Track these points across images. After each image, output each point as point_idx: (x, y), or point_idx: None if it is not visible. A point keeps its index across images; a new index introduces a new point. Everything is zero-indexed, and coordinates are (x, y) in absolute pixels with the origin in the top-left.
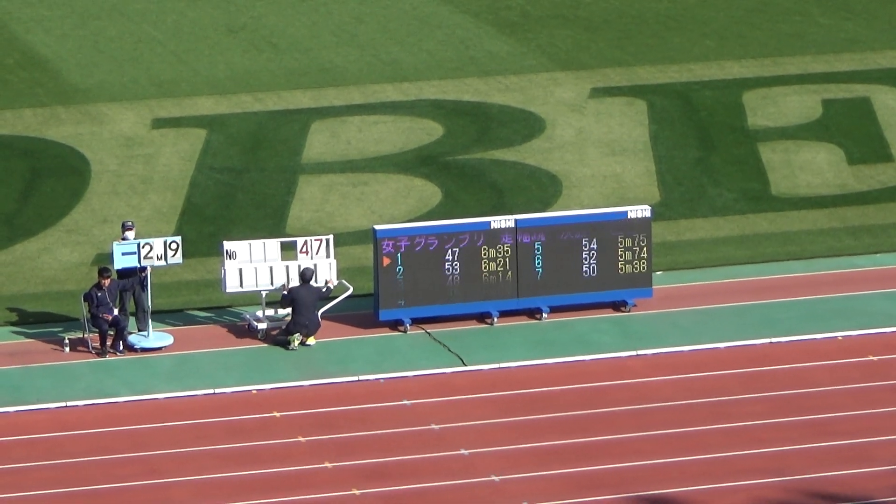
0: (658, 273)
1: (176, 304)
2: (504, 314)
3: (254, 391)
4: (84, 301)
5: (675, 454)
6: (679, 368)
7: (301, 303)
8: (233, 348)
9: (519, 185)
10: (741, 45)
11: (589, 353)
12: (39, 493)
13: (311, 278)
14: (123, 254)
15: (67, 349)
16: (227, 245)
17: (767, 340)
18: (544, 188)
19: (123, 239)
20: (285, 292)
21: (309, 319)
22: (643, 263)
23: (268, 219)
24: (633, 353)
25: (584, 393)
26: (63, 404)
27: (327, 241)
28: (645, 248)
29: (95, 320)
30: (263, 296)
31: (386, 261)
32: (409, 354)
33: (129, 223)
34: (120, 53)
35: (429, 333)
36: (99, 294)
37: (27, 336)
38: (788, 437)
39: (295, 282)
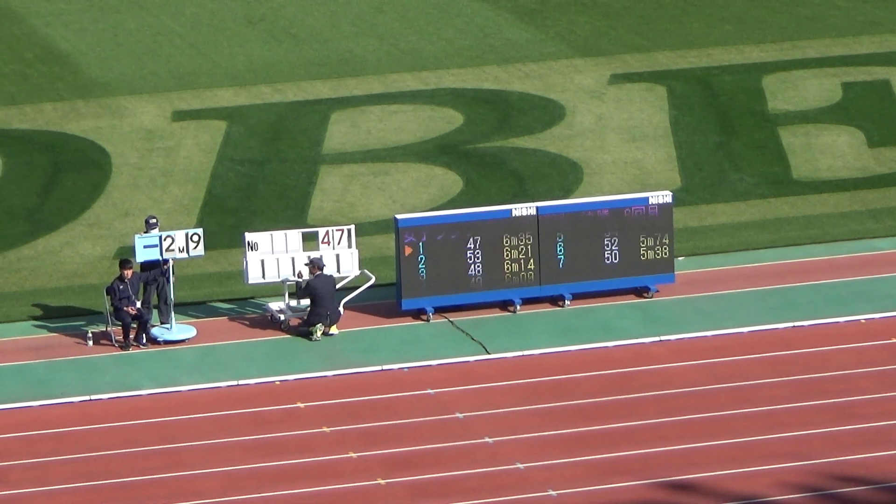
0: (680, 258)
1: (198, 296)
2: (526, 301)
3: (277, 382)
4: (107, 294)
5: (700, 439)
6: (702, 353)
7: (319, 294)
8: (256, 339)
9: (540, 172)
10: (760, 29)
11: (612, 340)
12: (66, 486)
13: (323, 266)
14: (146, 246)
15: (91, 343)
16: (249, 236)
17: (790, 324)
18: (565, 175)
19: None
20: (301, 283)
21: (329, 309)
22: (665, 249)
23: (289, 210)
24: (657, 338)
25: (608, 379)
26: (88, 398)
27: (349, 231)
28: (666, 234)
29: (118, 313)
30: (286, 286)
31: (408, 250)
32: (432, 343)
33: (154, 219)
34: (139, 46)
35: (451, 322)
36: (121, 286)
37: (50, 330)
38: (812, 421)
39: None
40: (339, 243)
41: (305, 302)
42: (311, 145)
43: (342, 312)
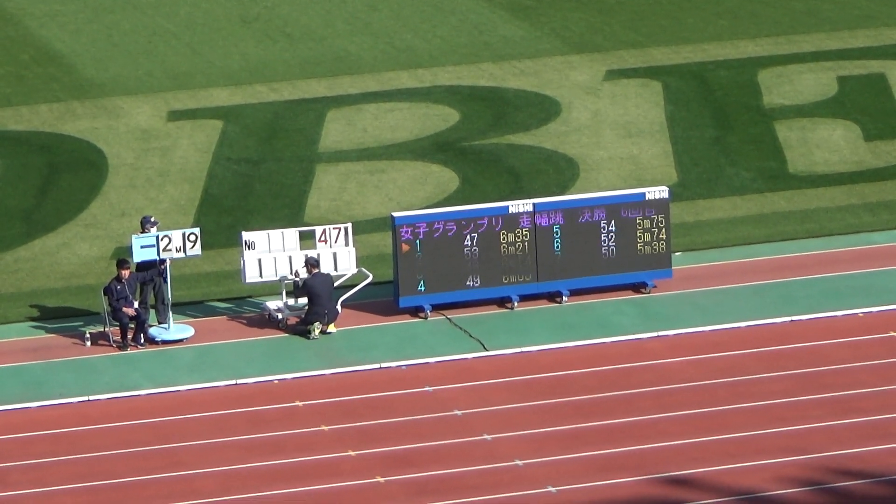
0: (677, 254)
1: (196, 295)
2: (524, 298)
3: (276, 381)
4: (104, 295)
5: (698, 434)
6: (700, 349)
7: (316, 292)
8: (254, 339)
9: (536, 168)
10: (755, 24)
11: (609, 336)
12: (64, 487)
13: (318, 264)
14: (142, 246)
15: (89, 343)
16: (246, 235)
17: (788, 319)
18: (561, 171)
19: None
20: (298, 281)
21: (327, 308)
22: (662, 244)
23: (286, 208)
24: (654, 334)
25: (606, 375)
26: (85, 398)
27: (346, 229)
28: (663, 229)
29: (116, 313)
30: (283, 285)
31: (405, 247)
32: (430, 341)
33: (153, 219)
34: (134, 47)
35: (449, 319)
36: (118, 287)
37: (48, 331)
38: (810, 416)
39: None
40: (336, 241)
41: (303, 300)
42: (307, 144)
43: (340, 311)
